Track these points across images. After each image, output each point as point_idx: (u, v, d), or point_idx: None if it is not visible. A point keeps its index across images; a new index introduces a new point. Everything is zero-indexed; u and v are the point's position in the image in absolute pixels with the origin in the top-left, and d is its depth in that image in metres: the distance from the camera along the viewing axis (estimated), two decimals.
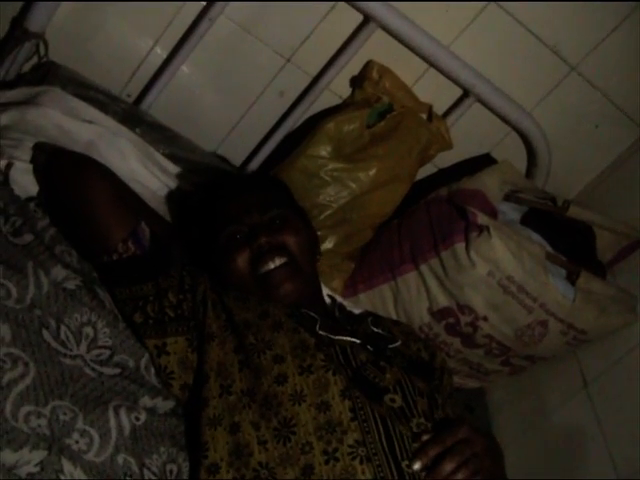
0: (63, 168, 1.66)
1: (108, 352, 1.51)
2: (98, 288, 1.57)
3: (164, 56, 2.07)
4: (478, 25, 2.04)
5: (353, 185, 2.03)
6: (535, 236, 1.96)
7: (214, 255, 1.71)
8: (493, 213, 1.95)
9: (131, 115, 2.00)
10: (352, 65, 2.10)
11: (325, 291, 1.90)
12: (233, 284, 1.68)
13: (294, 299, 1.66)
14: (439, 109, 2.19)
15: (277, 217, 1.71)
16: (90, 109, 1.90)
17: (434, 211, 2.01)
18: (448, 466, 1.37)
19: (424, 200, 2.08)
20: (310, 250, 1.76)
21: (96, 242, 1.59)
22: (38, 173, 1.70)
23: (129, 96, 2.12)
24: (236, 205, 1.73)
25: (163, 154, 2.00)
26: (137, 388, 1.50)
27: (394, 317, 1.99)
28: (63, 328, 1.47)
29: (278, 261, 1.66)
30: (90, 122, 1.88)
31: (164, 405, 1.52)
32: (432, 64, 2.08)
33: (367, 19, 2.00)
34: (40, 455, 1.30)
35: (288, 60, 2.11)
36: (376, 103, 2.10)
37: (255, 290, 1.66)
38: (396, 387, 1.49)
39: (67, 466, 1.32)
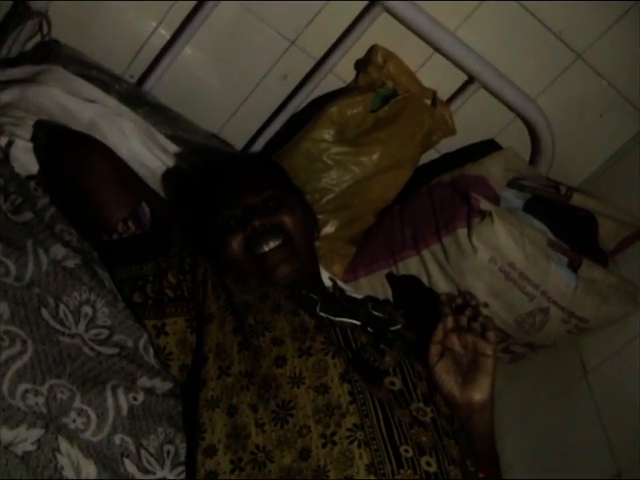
0: (64, 147, 1.66)
1: (107, 332, 1.50)
2: (98, 267, 1.57)
3: (167, 37, 2.06)
4: (484, 10, 2.03)
5: (356, 169, 2.02)
6: (537, 223, 1.95)
7: (211, 239, 1.71)
8: (496, 199, 1.94)
9: (133, 95, 2.00)
10: (357, 49, 2.09)
11: (326, 274, 1.89)
12: (231, 267, 1.67)
13: (291, 280, 1.65)
14: (443, 95, 2.17)
15: (271, 198, 1.70)
16: (92, 88, 1.90)
17: (436, 196, 2.00)
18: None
19: (427, 185, 2.07)
20: (306, 230, 1.75)
21: (96, 221, 1.59)
22: (39, 151, 1.69)
23: (132, 77, 2.11)
24: (231, 188, 1.72)
25: (165, 135, 1.99)
26: (135, 368, 1.49)
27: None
28: (62, 307, 1.47)
29: (272, 243, 1.66)
30: (92, 101, 1.87)
31: (162, 386, 1.52)
32: (437, 49, 2.07)
33: (372, 2, 1.99)
34: (37, 433, 1.30)
35: (292, 43, 2.09)
36: (380, 88, 2.09)
37: (252, 273, 1.65)
38: (396, 370, 1.49)
39: (64, 445, 1.32)
